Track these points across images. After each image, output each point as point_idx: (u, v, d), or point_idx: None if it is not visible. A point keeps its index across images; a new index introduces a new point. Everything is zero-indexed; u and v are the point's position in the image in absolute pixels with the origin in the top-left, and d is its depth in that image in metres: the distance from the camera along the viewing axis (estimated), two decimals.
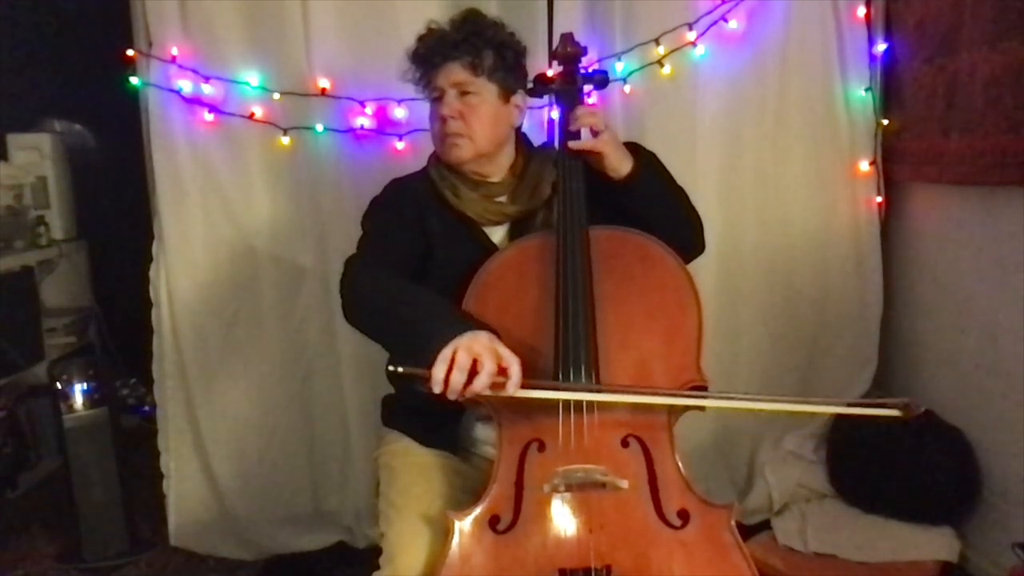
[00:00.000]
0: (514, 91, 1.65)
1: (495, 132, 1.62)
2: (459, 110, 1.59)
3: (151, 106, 2.44)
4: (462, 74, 1.59)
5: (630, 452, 1.41)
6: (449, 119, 1.59)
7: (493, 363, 1.27)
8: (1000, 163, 1.95)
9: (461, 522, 1.39)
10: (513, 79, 1.64)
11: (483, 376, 1.26)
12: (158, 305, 2.52)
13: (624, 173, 1.55)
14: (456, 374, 1.25)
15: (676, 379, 1.45)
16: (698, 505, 1.39)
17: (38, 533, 2.80)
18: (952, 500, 2.19)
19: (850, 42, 2.44)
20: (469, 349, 1.26)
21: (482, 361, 1.26)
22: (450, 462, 1.61)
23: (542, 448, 1.41)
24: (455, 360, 1.25)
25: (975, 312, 2.17)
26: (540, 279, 1.49)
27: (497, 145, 1.64)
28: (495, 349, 1.28)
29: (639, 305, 1.49)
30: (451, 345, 1.26)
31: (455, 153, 1.61)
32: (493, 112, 1.61)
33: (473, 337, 1.28)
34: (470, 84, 1.59)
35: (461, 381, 1.25)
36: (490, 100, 1.61)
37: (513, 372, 1.28)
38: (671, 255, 1.52)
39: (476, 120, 1.59)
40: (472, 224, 1.63)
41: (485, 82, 1.60)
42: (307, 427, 2.63)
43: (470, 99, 1.60)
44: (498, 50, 1.61)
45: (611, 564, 1.34)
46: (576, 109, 1.57)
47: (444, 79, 1.60)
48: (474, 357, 1.26)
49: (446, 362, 1.25)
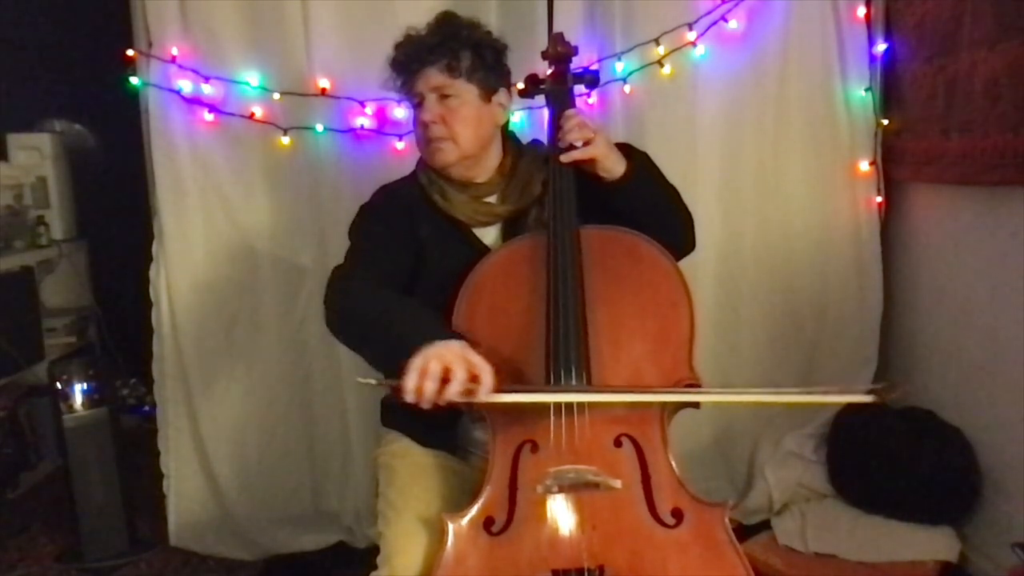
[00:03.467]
0: (495, 90, 1.64)
1: (478, 133, 1.62)
2: (440, 114, 1.59)
3: (151, 106, 2.44)
4: (440, 78, 1.59)
5: (623, 452, 1.41)
6: (431, 124, 1.59)
7: (464, 371, 1.28)
8: (1000, 163, 1.95)
9: (455, 524, 1.39)
10: (494, 78, 1.64)
11: (454, 384, 1.28)
12: (158, 305, 2.52)
13: (618, 175, 1.55)
14: (428, 383, 1.27)
15: (669, 378, 1.45)
16: (692, 504, 1.39)
17: (38, 533, 2.80)
18: (952, 500, 2.19)
19: (850, 42, 2.44)
20: (440, 358, 1.28)
21: (453, 369, 1.28)
22: (449, 463, 1.61)
23: (535, 449, 1.41)
24: (427, 370, 1.27)
25: (975, 312, 2.17)
26: (531, 280, 1.49)
27: (481, 146, 1.64)
28: (466, 357, 1.30)
29: (631, 304, 1.49)
30: (421, 355, 1.28)
31: (439, 157, 1.61)
32: (475, 113, 1.61)
33: (444, 346, 1.30)
34: (449, 87, 1.59)
35: (432, 390, 1.27)
36: (471, 101, 1.61)
37: (484, 379, 1.29)
38: (663, 254, 1.52)
39: (458, 123, 1.59)
40: (462, 227, 1.63)
41: (464, 84, 1.60)
42: (307, 427, 2.63)
43: (450, 102, 1.59)
44: (475, 50, 1.61)
45: (604, 564, 1.34)
46: (564, 122, 1.56)
47: (423, 84, 1.60)
48: (445, 365, 1.27)
49: (417, 371, 1.27)
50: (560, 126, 1.56)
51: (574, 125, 1.54)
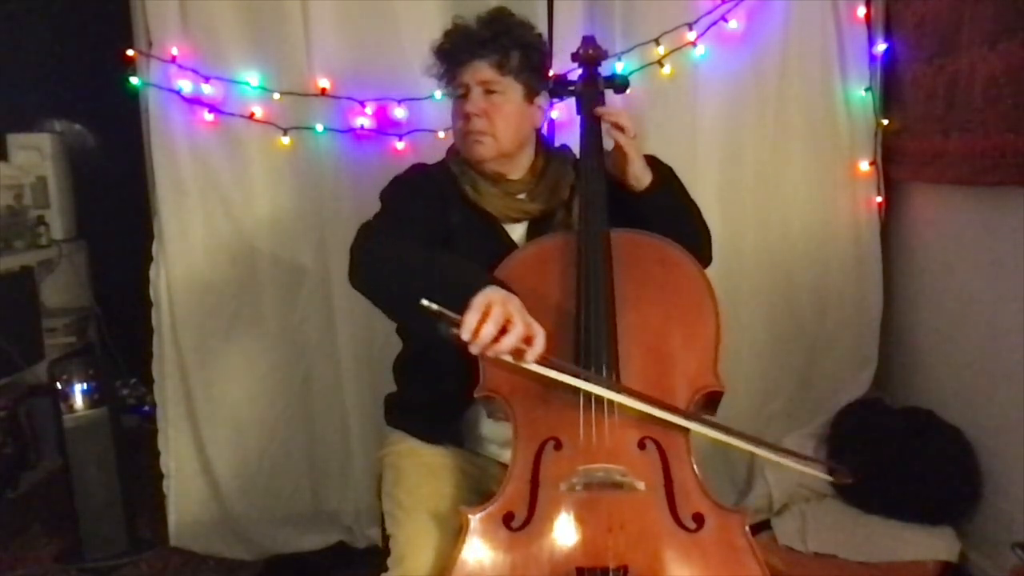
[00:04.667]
0: (538, 92, 1.64)
1: (519, 132, 1.62)
2: (484, 108, 1.58)
3: (151, 106, 2.44)
4: (489, 72, 1.58)
5: (647, 454, 1.41)
6: (474, 116, 1.58)
7: (523, 327, 1.25)
8: (999, 163, 1.95)
9: (475, 518, 1.38)
10: (537, 80, 1.64)
11: (511, 336, 1.24)
12: (158, 305, 2.52)
13: (645, 184, 1.56)
14: (488, 326, 1.22)
15: (693, 383, 1.45)
16: (713, 509, 1.39)
17: (38, 533, 2.80)
18: (952, 500, 2.19)
19: (850, 42, 2.44)
20: (504, 305, 1.24)
21: (513, 321, 1.24)
22: (457, 461, 1.61)
23: (559, 447, 1.40)
24: (489, 312, 1.23)
25: (975, 312, 2.17)
26: (558, 279, 1.49)
27: (519, 145, 1.64)
28: (524, 313, 1.27)
29: (658, 308, 1.49)
30: (486, 295, 1.25)
31: (478, 151, 1.60)
32: (518, 112, 1.61)
33: (507, 296, 1.27)
34: (496, 83, 1.58)
35: (491, 334, 1.22)
36: (515, 100, 1.60)
37: (537, 342, 1.26)
38: (690, 259, 1.52)
39: (501, 119, 1.59)
40: (492, 220, 1.63)
41: (511, 82, 1.59)
42: (307, 427, 2.63)
43: (495, 98, 1.59)
44: (525, 51, 1.60)
45: (628, 564, 1.33)
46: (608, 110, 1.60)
47: (470, 76, 1.59)
48: (507, 315, 1.24)
49: (479, 311, 1.23)
50: (601, 115, 1.59)
51: (619, 112, 1.58)
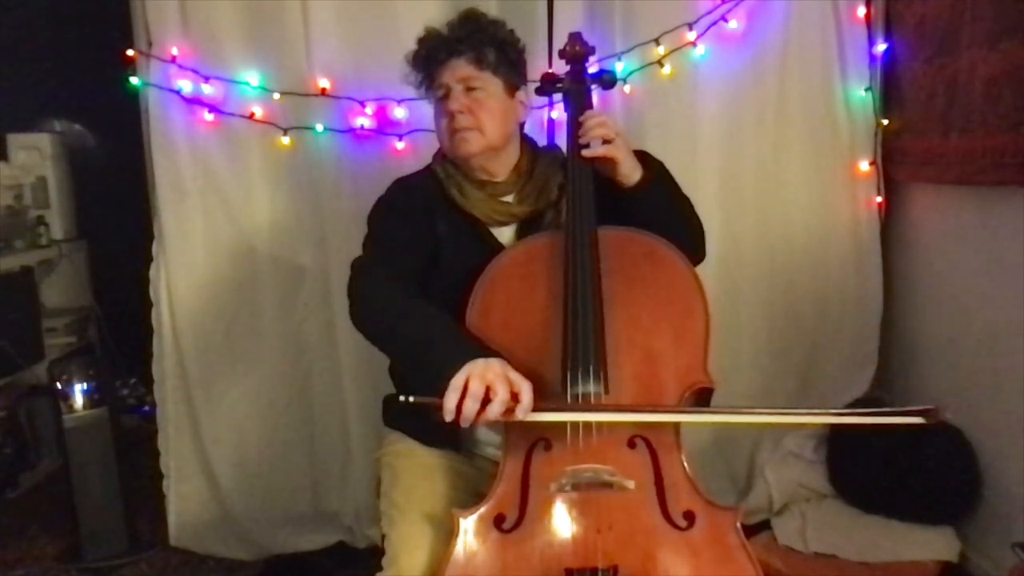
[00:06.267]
0: (518, 87, 1.65)
1: (504, 125, 1.62)
2: (467, 104, 1.58)
3: (151, 106, 2.44)
4: (467, 69, 1.59)
5: (636, 453, 1.41)
6: (457, 114, 1.58)
7: (506, 390, 1.27)
8: (999, 163, 1.95)
9: (466, 520, 1.38)
10: (515, 75, 1.64)
11: (496, 404, 1.26)
12: (158, 305, 2.52)
13: (635, 181, 1.55)
14: (468, 402, 1.25)
15: (683, 380, 1.45)
16: (704, 507, 1.39)
17: (38, 533, 2.80)
18: (952, 500, 2.19)
19: (850, 42, 2.44)
20: (482, 377, 1.26)
21: (495, 388, 1.26)
22: (453, 463, 1.61)
23: (548, 447, 1.40)
24: (468, 388, 1.25)
25: (975, 312, 2.17)
26: (547, 278, 1.49)
27: (505, 139, 1.63)
28: (507, 376, 1.28)
29: (647, 305, 1.49)
30: (463, 372, 1.26)
31: (464, 147, 1.60)
32: (500, 106, 1.61)
33: (486, 365, 1.28)
34: (476, 79, 1.59)
35: (474, 409, 1.25)
36: (496, 94, 1.61)
37: (524, 398, 1.28)
38: (679, 256, 1.52)
39: (484, 113, 1.59)
40: (479, 225, 1.63)
41: (490, 77, 1.60)
42: (307, 427, 2.63)
43: (476, 94, 1.59)
44: (500, 47, 1.61)
45: (618, 564, 1.33)
46: (586, 120, 1.56)
47: (449, 75, 1.59)
48: (487, 385, 1.26)
49: (458, 391, 1.25)
50: (581, 123, 1.57)
51: (596, 123, 1.55)
